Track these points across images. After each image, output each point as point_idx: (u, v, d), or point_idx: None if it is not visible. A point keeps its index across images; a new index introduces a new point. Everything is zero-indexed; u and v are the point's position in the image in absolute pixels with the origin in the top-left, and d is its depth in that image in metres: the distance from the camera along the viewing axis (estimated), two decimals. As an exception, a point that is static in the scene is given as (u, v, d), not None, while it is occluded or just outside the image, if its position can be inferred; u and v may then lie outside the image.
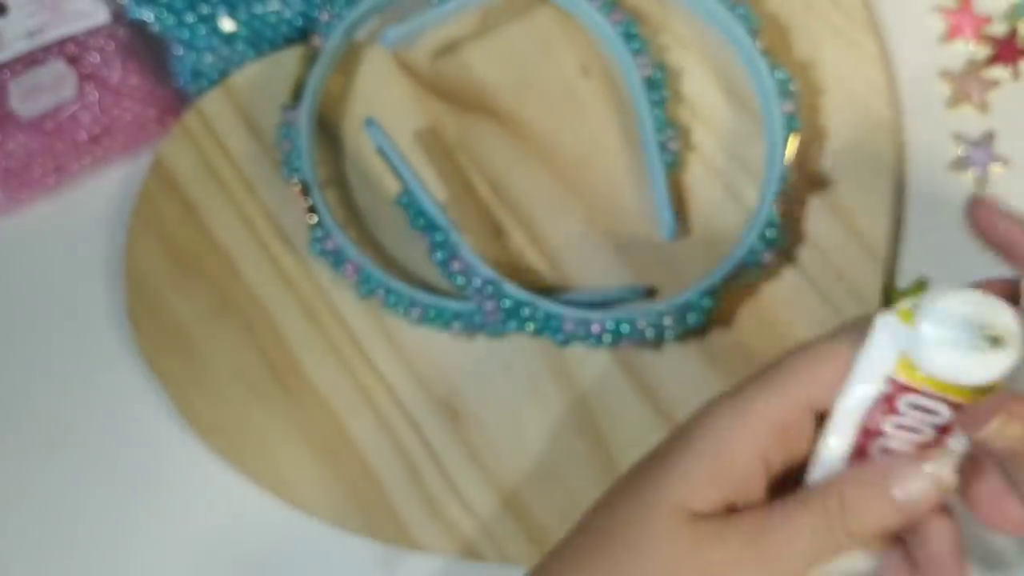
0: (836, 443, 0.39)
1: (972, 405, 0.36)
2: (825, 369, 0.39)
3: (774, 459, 0.39)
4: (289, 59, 0.57)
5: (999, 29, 0.58)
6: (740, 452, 0.39)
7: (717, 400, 0.41)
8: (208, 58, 0.58)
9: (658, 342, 0.52)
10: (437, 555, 0.53)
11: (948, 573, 0.40)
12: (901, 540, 0.41)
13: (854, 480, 0.38)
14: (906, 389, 0.37)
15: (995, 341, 0.35)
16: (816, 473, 0.40)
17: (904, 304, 0.37)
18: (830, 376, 0.39)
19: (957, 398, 0.37)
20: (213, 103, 0.58)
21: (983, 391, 0.37)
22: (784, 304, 0.54)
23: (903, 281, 0.56)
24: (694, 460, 0.39)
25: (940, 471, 0.37)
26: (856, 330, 0.39)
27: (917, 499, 0.38)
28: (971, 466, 0.39)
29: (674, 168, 0.55)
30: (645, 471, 0.41)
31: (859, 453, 0.39)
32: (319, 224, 0.55)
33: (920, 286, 0.55)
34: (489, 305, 0.52)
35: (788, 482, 0.40)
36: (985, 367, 0.35)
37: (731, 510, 0.39)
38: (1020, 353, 0.36)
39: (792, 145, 0.54)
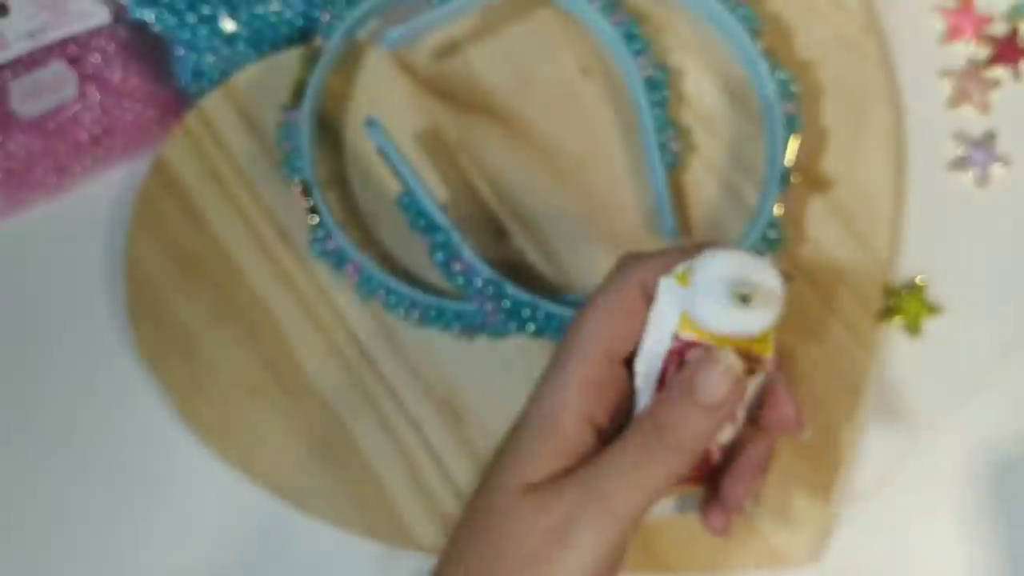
0: (645, 397, 0.42)
1: (749, 351, 0.40)
2: (613, 322, 0.42)
3: (598, 416, 0.42)
4: (290, 60, 0.57)
5: (1000, 29, 0.58)
6: (564, 421, 0.41)
7: (541, 376, 0.43)
8: (209, 58, 0.58)
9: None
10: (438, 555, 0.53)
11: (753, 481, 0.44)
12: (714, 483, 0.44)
13: (660, 400, 0.41)
14: (691, 344, 0.40)
15: (745, 297, 0.39)
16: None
17: (681, 268, 0.40)
18: (620, 327, 0.41)
19: (735, 348, 0.40)
20: (214, 103, 0.58)
21: (756, 340, 0.40)
22: (785, 304, 0.53)
23: (903, 281, 0.56)
24: (527, 438, 0.41)
25: (727, 361, 0.39)
26: (623, 276, 0.42)
27: (717, 392, 0.39)
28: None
29: (675, 168, 0.55)
30: (495, 457, 0.43)
31: None
32: (320, 225, 0.55)
33: (917, 289, 0.55)
34: (490, 306, 0.52)
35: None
36: (745, 320, 0.39)
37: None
38: (777, 305, 0.39)
39: (793, 145, 0.54)
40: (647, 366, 0.41)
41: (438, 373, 0.54)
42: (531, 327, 0.53)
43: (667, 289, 0.40)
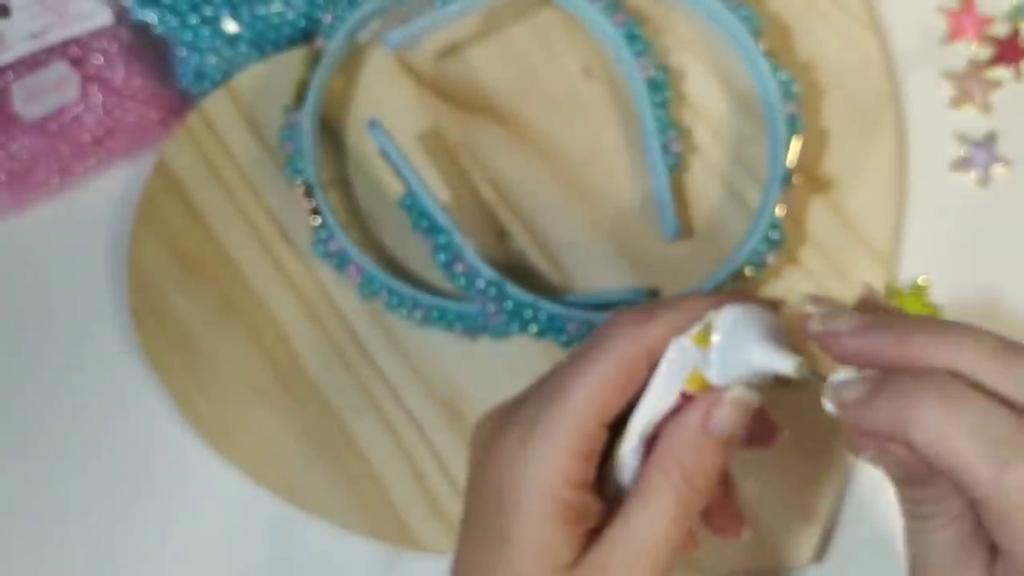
0: (636, 457, 0.41)
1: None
2: (611, 391, 0.40)
3: (590, 477, 0.40)
4: (292, 61, 0.58)
5: (1001, 30, 0.58)
6: (565, 494, 0.39)
7: (520, 437, 0.40)
8: (211, 59, 0.58)
9: (660, 343, 0.53)
10: (440, 555, 0.53)
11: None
12: None
13: (680, 446, 0.39)
14: (692, 398, 0.40)
15: (782, 342, 0.39)
16: (620, 477, 0.41)
17: (697, 329, 0.39)
18: (618, 395, 0.40)
19: None
20: (216, 104, 0.58)
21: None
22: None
23: (905, 282, 0.56)
24: (534, 520, 0.39)
25: (739, 395, 0.39)
26: (626, 343, 0.40)
27: (735, 424, 0.39)
28: None
29: (676, 169, 0.55)
30: (486, 539, 0.41)
31: None
32: (322, 226, 0.55)
33: (919, 290, 0.55)
34: (492, 307, 0.53)
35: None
36: (785, 363, 0.38)
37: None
38: (800, 362, 0.38)
39: (794, 146, 0.54)
40: (645, 427, 0.40)
41: (440, 373, 0.54)
42: (533, 328, 0.53)
43: (681, 350, 0.39)
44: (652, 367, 0.40)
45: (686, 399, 0.40)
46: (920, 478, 0.37)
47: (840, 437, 0.53)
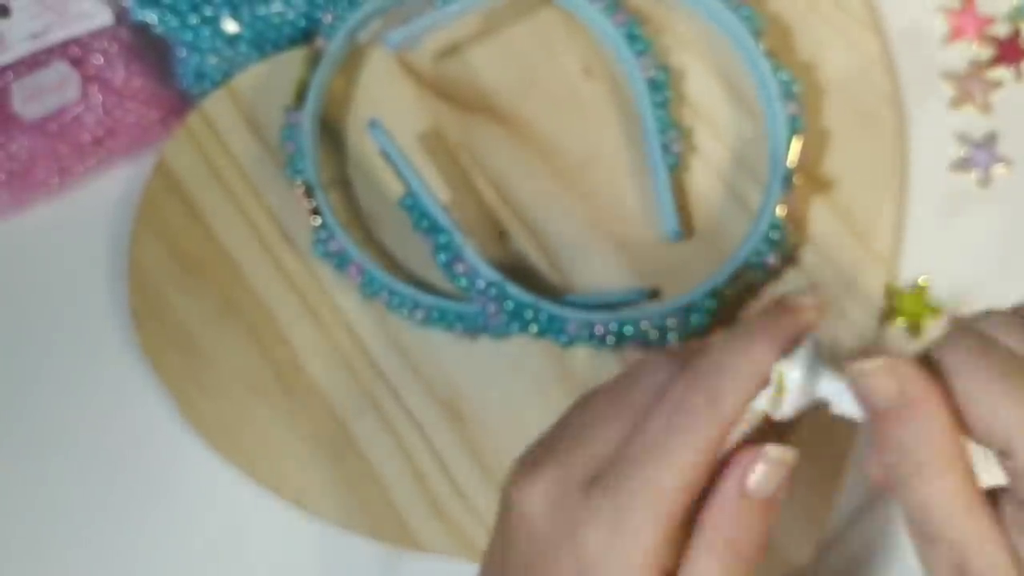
0: None
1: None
2: (700, 476, 0.39)
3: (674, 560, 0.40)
4: (292, 61, 0.58)
5: (1002, 30, 0.58)
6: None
7: (605, 520, 0.39)
8: (211, 60, 0.58)
9: (662, 344, 0.53)
10: (440, 556, 0.53)
11: None
12: None
13: (727, 517, 0.39)
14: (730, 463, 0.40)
15: (839, 365, 0.39)
16: None
17: (770, 390, 0.40)
18: (704, 476, 0.39)
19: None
20: (216, 105, 0.58)
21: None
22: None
23: (905, 281, 0.56)
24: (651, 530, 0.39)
25: (777, 452, 0.39)
26: (710, 429, 0.39)
27: (770, 481, 0.39)
28: None
29: (677, 169, 0.55)
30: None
31: None
32: (323, 226, 0.55)
33: (919, 290, 0.55)
34: (492, 307, 0.53)
35: None
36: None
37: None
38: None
39: (795, 146, 0.54)
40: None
41: (440, 373, 0.54)
42: (534, 328, 0.53)
43: (759, 406, 0.40)
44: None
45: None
46: None
47: (840, 437, 0.53)
